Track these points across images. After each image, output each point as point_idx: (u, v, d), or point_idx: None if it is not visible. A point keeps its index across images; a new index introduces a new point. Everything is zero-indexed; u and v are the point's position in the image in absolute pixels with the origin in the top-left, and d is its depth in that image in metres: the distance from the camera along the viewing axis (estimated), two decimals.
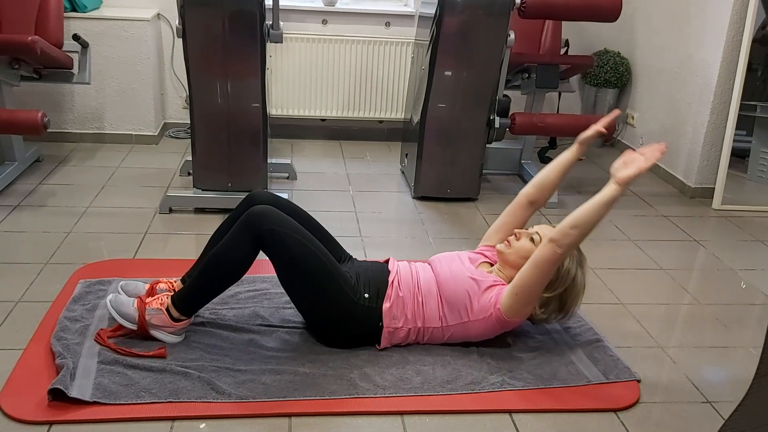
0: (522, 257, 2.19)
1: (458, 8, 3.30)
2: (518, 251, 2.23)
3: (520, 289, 2.09)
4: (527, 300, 2.11)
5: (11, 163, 3.55)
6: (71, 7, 3.96)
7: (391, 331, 2.18)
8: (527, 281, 2.07)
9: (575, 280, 2.18)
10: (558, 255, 2.03)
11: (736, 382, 2.23)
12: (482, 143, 3.61)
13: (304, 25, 4.38)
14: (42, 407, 1.87)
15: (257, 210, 2.11)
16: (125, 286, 2.35)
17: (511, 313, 2.12)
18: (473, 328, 2.18)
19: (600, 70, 4.51)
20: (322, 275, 2.11)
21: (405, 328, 2.19)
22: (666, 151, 2.11)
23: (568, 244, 2.02)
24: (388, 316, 2.17)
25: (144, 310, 2.14)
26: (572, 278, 2.17)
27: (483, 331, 2.19)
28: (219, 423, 1.88)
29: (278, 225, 2.09)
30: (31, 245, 2.86)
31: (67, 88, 4.09)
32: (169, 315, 2.15)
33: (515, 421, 1.97)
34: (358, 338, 2.21)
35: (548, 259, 2.03)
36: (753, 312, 2.70)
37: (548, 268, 2.05)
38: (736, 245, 3.31)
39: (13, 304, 2.40)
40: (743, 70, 3.60)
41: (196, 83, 3.15)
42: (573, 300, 2.20)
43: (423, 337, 2.23)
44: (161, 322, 2.15)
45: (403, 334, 2.20)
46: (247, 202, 2.30)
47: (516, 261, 2.21)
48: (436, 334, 2.21)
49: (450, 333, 2.21)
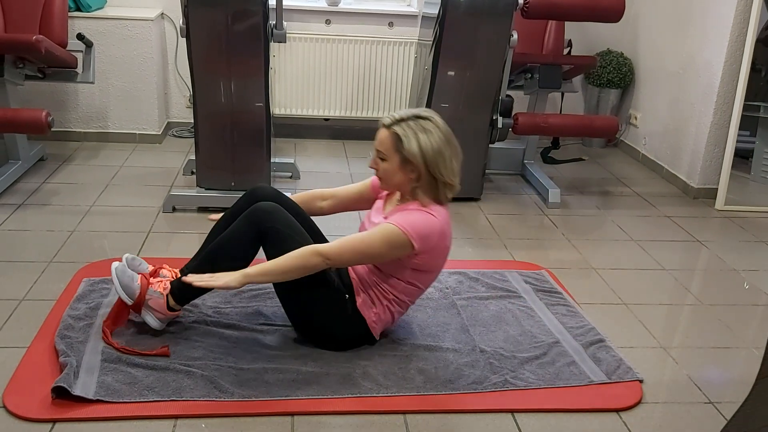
0: (392, 177, 2.11)
1: (461, 8, 3.30)
2: (387, 175, 2.13)
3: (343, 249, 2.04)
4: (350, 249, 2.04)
5: (15, 162, 3.56)
6: (76, 6, 3.97)
7: (375, 320, 2.17)
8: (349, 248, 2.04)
9: (426, 154, 2.04)
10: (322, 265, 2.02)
11: (739, 382, 2.22)
12: (485, 143, 3.61)
13: (308, 25, 4.38)
14: (45, 405, 1.87)
15: (264, 206, 2.11)
16: (131, 261, 2.33)
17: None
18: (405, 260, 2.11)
19: (603, 71, 4.51)
20: (315, 281, 2.10)
21: (383, 308, 2.17)
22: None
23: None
24: (366, 308, 2.16)
25: (146, 289, 2.15)
26: (423, 154, 2.04)
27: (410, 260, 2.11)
28: (221, 421, 1.88)
29: (282, 224, 2.09)
30: (35, 244, 2.87)
31: (71, 87, 4.10)
32: (166, 302, 2.15)
33: (517, 421, 1.97)
34: (350, 341, 2.21)
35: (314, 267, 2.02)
36: (756, 313, 2.70)
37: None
38: (739, 246, 3.31)
39: (17, 302, 2.41)
40: (747, 71, 3.60)
41: (199, 82, 3.15)
42: (443, 168, 2.07)
43: (399, 301, 2.18)
44: (157, 306, 2.15)
45: (387, 315, 2.18)
46: (250, 195, 2.29)
47: (395, 183, 2.13)
48: (400, 287, 2.15)
49: (405, 275, 2.14)
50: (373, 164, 2.15)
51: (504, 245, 3.15)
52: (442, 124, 2.10)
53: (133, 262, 2.32)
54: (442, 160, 2.06)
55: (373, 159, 2.14)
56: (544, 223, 3.45)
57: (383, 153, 2.09)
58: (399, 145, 2.05)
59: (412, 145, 2.04)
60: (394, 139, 2.06)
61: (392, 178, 2.12)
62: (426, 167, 2.06)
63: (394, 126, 2.07)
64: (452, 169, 2.09)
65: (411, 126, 2.06)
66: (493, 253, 3.06)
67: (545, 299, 2.62)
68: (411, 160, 2.05)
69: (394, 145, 2.06)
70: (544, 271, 2.86)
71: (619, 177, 4.21)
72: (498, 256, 3.02)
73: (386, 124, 2.09)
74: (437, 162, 2.06)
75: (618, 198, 3.87)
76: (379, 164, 2.12)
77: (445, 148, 2.07)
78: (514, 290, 2.67)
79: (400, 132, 2.05)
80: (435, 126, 2.08)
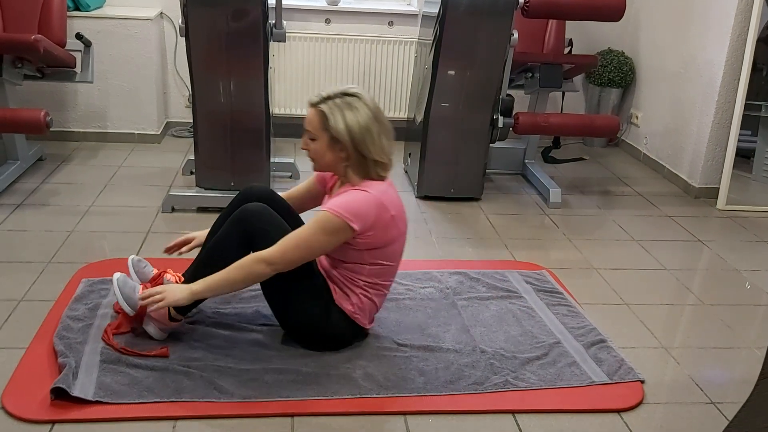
0: (323, 157, 2.09)
1: (462, 8, 3.29)
2: (318, 155, 2.11)
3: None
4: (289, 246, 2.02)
5: (14, 162, 3.55)
6: (74, 6, 3.96)
7: (355, 311, 2.16)
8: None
9: (352, 132, 2.02)
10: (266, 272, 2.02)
11: (741, 382, 2.22)
12: (486, 143, 3.60)
13: (307, 24, 4.38)
14: (44, 406, 1.87)
15: (251, 208, 2.10)
16: (137, 263, 2.33)
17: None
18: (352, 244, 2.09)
19: (604, 70, 4.50)
20: (301, 281, 2.09)
21: (358, 297, 2.15)
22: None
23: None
24: (343, 301, 2.15)
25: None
26: (349, 131, 2.02)
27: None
28: (221, 422, 1.88)
29: (270, 225, 2.08)
30: (33, 244, 2.86)
31: (70, 87, 4.09)
32: (168, 312, 2.15)
33: (518, 422, 1.96)
34: (340, 336, 2.20)
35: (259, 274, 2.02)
36: (757, 313, 2.69)
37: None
38: (740, 246, 3.30)
39: (16, 303, 2.40)
40: (748, 70, 3.59)
41: (198, 82, 3.15)
42: (370, 145, 2.04)
43: (371, 284, 2.16)
44: (159, 316, 2.15)
45: (366, 302, 2.16)
46: (243, 195, 2.28)
47: (326, 163, 2.11)
48: (365, 272, 2.14)
49: (365, 257, 2.12)
50: (303, 145, 2.13)
51: (505, 245, 3.14)
52: (370, 101, 2.09)
53: (139, 264, 2.31)
54: (369, 137, 2.04)
55: (304, 140, 2.12)
56: (544, 223, 3.44)
57: (312, 133, 2.08)
58: (326, 123, 2.03)
59: (338, 122, 2.02)
60: (321, 117, 2.04)
61: (323, 157, 2.10)
62: (353, 145, 2.04)
63: (321, 104, 2.05)
64: (381, 146, 2.07)
65: (337, 104, 2.04)
66: (493, 253, 3.05)
67: (546, 299, 2.62)
68: (339, 139, 2.04)
69: (322, 124, 2.04)
70: (544, 271, 2.85)
71: (620, 176, 4.20)
72: (499, 256, 3.01)
73: (313, 102, 2.07)
74: (364, 139, 2.04)
75: (619, 198, 3.86)
76: (309, 144, 2.10)
77: (372, 125, 2.05)
78: (514, 290, 2.66)
79: (326, 110, 2.03)
80: (362, 103, 2.06)
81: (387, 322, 2.39)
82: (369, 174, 2.09)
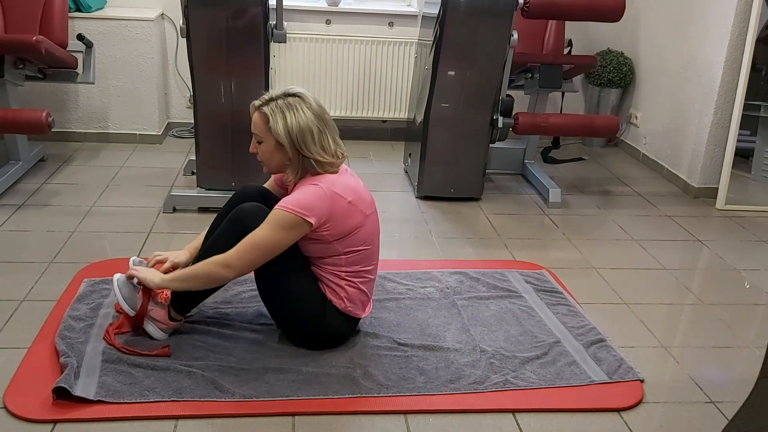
0: (271, 159, 2.11)
1: (461, 8, 3.30)
2: (266, 157, 2.13)
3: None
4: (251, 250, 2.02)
5: (16, 163, 3.56)
6: (76, 7, 3.97)
7: (345, 303, 2.16)
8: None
9: (291, 133, 2.03)
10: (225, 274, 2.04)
11: (740, 382, 2.22)
12: (485, 143, 3.61)
13: (308, 25, 4.38)
14: (46, 406, 1.87)
15: (246, 208, 2.11)
16: (138, 264, 2.30)
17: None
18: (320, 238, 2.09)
19: (603, 70, 4.51)
20: (296, 281, 2.11)
21: (344, 290, 2.15)
22: None
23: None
24: (333, 297, 2.16)
25: (148, 300, 2.16)
26: (288, 132, 2.04)
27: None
28: (222, 422, 1.88)
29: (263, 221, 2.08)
30: (35, 244, 2.87)
31: (71, 87, 4.10)
32: (168, 312, 2.16)
33: (518, 421, 1.97)
34: (336, 332, 2.21)
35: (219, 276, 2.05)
36: (757, 312, 2.69)
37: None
38: (739, 245, 3.31)
39: (18, 303, 2.41)
40: (747, 70, 3.60)
41: (199, 83, 3.15)
42: (311, 145, 2.05)
43: (353, 273, 2.16)
44: (159, 317, 2.16)
45: (354, 292, 2.17)
46: (239, 195, 2.29)
47: (275, 165, 2.13)
48: (342, 262, 2.14)
49: (336, 248, 2.12)
50: (252, 148, 2.15)
51: (504, 245, 3.15)
52: (312, 100, 2.09)
53: (140, 265, 2.31)
54: (310, 138, 2.05)
55: (252, 143, 2.13)
56: (544, 223, 3.45)
57: (259, 135, 2.09)
58: (268, 125, 2.05)
59: (278, 123, 2.04)
60: (264, 119, 2.05)
61: (271, 159, 2.11)
62: (292, 146, 2.05)
63: (263, 107, 2.06)
64: (322, 145, 2.07)
65: (279, 105, 2.05)
66: (493, 252, 3.06)
67: (546, 299, 2.62)
68: (280, 139, 2.05)
69: (266, 126, 2.06)
70: (544, 271, 2.86)
71: (620, 176, 4.21)
72: (498, 256, 3.02)
73: (256, 105, 2.08)
74: (304, 140, 2.04)
75: (618, 197, 3.87)
76: (258, 147, 2.12)
77: (312, 125, 2.05)
78: (514, 290, 2.67)
79: (268, 112, 2.05)
80: (303, 103, 2.06)
81: (387, 321, 2.40)
82: (317, 172, 2.09)
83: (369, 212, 2.17)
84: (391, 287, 2.63)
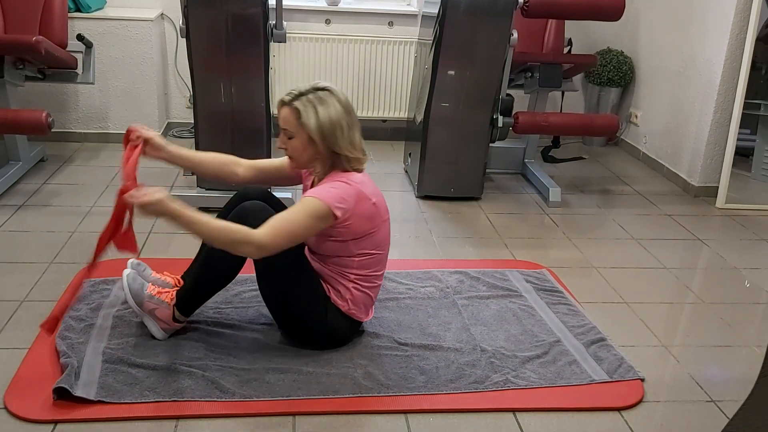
0: (302, 154, 2.09)
1: (461, 7, 3.29)
2: (297, 153, 2.11)
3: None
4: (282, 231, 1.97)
5: (16, 163, 3.56)
6: (75, 7, 3.97)
7: (350, 306, 2.16)
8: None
9: (323, 127, 2.03)
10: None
11: (740, 381, 2.22)
12: (485, 142, 3.61)
13: (308, 25, 4.38)
14: (47, 406, 1.87)
15: (249, 206, 2.10)
16: (137, 266, 2.32)
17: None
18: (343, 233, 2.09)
19: (603, 69, 4.50)
20: (298, 281, 2.10)
21: (350, 292, 2.15)
22: None
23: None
24: (338, 299, 2.16)
25: (153, 298, 2.16)
26: (320, 126, 2.03)
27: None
28: (223, 422, 1.88)
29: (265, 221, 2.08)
30: (35, 245, 2.87)
31: (71, 88, 4.10)
32: (173, 313, 2.16)
33: (519, 421, 1.97)
34: (338, 334, 2.21)
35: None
36: (757, 311, 2.69)
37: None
38: (740, 244, 3.31)
39: (18, 304, 2.41)
40: (747, 69, 3.60)
41: (199, 83, 3.15)
42: (340, 140, 2.05)
43: (364, 276, 2.16)
44: (163, 316, 2.16)
45: (360, 295, 2.17)
46: (240, 195, 2.28)
47: (306, 160, 2.12)
48: (355, 264, 2.13)
49: (351, 248, 2.12)
50: (281, 144, 2.12)
51: (505, 244, 3.15)
52: (341, 94, 2.09)
53: (138, 267, 2.32)
54: (340, 132, 2.05)
55: (281, 139, 2.11)
56: (544, 222, 3.45)
57: (290, 131, 2.07)
58: (300, 120, 2.04)
59: (310, 118, 2.03)
60: (296, 114, 2.04)
61: (302, 154, 2.09)
62: (323, 140, 2.05)
63: (294, 101, 2.04)
64: (350, 140, 2.08)
65: (310, 99, 2.04)
66: (493, 252, 3.06)
67: (546, 298, 2.62)
68: (312, 134, 2.04)
69: (297, 121, 2.04)
70: (545, 270, 2.86)
71: (620, 176, 4.21)
72: (499, 256, 3.02)
73: (286, 100, 2.06)
74: (335, 134, 2.04)
75: (619, 197, 3.87)
76: (287, 143, 2.09)
77: (342, 119, 2.06)
78: (515, 289, 2.67)
79: (300, 106, 2.03)
80: (333, 96, 2.06)
81: (387, 321, 2.40)
82: (345, 168, 2.10)
83: (386, 218, 2.18)
84: (392, 287, 2.63)
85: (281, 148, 2.13)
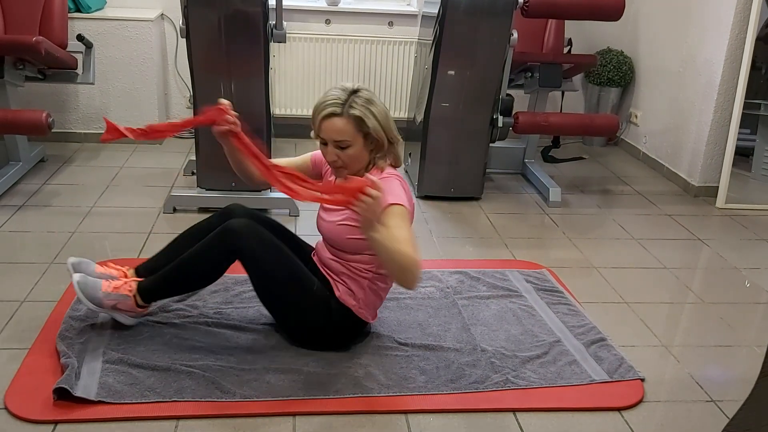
0: (358, 160, 2.07)
1: (461, 7, 3.30)
2: (352, 160, 2.07)
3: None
4: None
5: (16, 163, 3.56)
6: (75, 7, 3.97)
7: (360, 306, 2.16)
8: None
9: (383, 123, 2.05)
10: None
11: (741, 381, 2.23)
12: (485, 142, 3.61)
13: (308, 25, 4.38)
14: (47, 406, 1.87)
15: (235, 225, 2.10)
16: (77, 264, 2.27)
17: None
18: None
19: (603, 69, 4.50)
20: (296, 290, 2.11)
21: (363, 290, 2.15)
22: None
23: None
24: (347, 297, 2.15)
25: (111, 295, 2.15)
26: (381, 124, 2.04)
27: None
28: (223, 422, 1.88)
29: (256, 242, 2.08)
30: (35, 245, 2.87)
31: (71, 88, 4.10)
32: (135, 302, 2.17)
33: (519, 421, 1.97)
34: (343, 334, 2.21)
35: None
36: (757, 311, 2.69)
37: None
38: (740, 244, 3.31)
39: (18, 304, 2.41)
40: (747, 69, 3.60)
41: (199, 83, 3.15)
42: (394, 129, 2.10)
43: (378, 275, 2.15)
44: (127, 307, 2.17)
45: (371, 295, 2.17)
46: (223, 215, 2.28)
47: (361, 165, 2.10)
48: (370, 260, 2.13)
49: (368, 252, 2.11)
50: (333, 157, 2.07)
51: (505, 244, 3.15)
52: (370, 90, 2.12)
53: (80, 265, 2.27)
54: (392, 121, 2.10)
55: (330, 152, 2.07)
56: (544, 222, 3.45)
57: (347, 141, 2.04)
58: (362, 126, 2.03)
59: (372, 120, 2.03)
60: (357, 122, 2.03)
61: (359, 161, 2.08)
62: (385, 135, 2.07)
63: (350, 110, 2.02)
64: (395, 126, 2.13)
65: (361, 104, 2.04)
66: (494, 252, 3.06)
67: (546, 298, 2.62)
68: (374, 135, 2.04)
69: (357, 128, 2.03)
70: (545, 270, 2.86)
71: (620, 175, 4.21)
72: (499, 256, 3.02)
73: (338, 112, 2.03)
74: (390, 125, 2.08)
75: (619, 196, 3.87)
76: (340, 154, 2.06)
77: (386, 109, 2.10)
78: (515, 289, 2.67)
79: (360, 114, 2.02)
80: (368, 92, 2.09)
81: (388, 321, 2.40)
82: (396, 156, 2.14)
83: (412, 219, 2.15)
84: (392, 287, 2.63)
85: (332, 161, 2.08)
